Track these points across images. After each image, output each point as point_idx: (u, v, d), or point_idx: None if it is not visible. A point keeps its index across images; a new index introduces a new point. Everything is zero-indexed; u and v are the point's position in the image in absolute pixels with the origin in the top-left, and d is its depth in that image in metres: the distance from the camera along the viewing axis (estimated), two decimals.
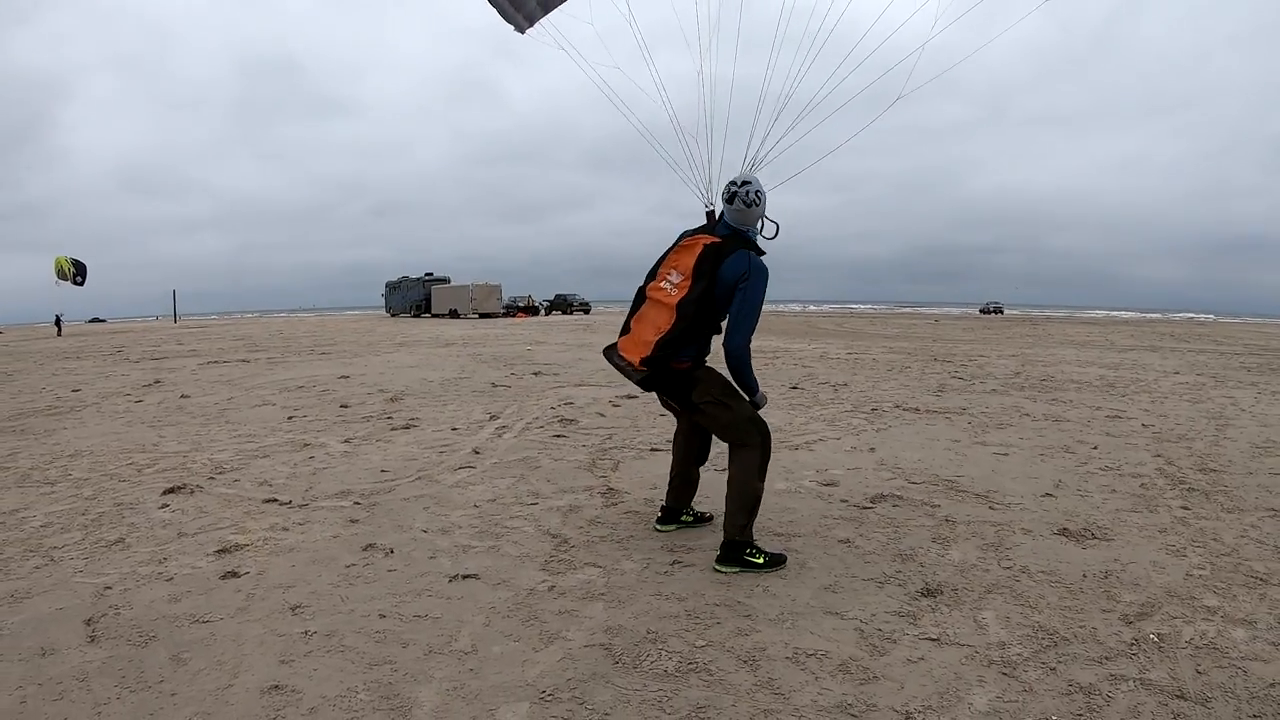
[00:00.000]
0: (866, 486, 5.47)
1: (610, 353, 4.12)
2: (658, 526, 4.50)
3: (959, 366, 14.84)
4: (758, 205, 3.93)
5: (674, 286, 3.88)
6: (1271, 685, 2.81)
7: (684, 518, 4.55)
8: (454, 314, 58.97)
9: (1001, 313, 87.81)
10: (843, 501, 5.10)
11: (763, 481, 3.98)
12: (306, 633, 3.23)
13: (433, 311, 62.29)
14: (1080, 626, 3.26)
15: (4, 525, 4.75)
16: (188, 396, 10.79)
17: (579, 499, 5.18)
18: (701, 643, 3.09)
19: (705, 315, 3.87)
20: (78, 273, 44.49)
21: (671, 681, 2.80)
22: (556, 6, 5.05)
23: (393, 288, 70.29)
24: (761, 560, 3.88)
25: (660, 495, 4.85)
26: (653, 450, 6.67)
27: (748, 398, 4.05)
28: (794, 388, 11.23)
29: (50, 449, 7.18)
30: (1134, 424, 8.24)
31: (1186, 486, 5.59)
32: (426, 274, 67.83)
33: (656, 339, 3.82)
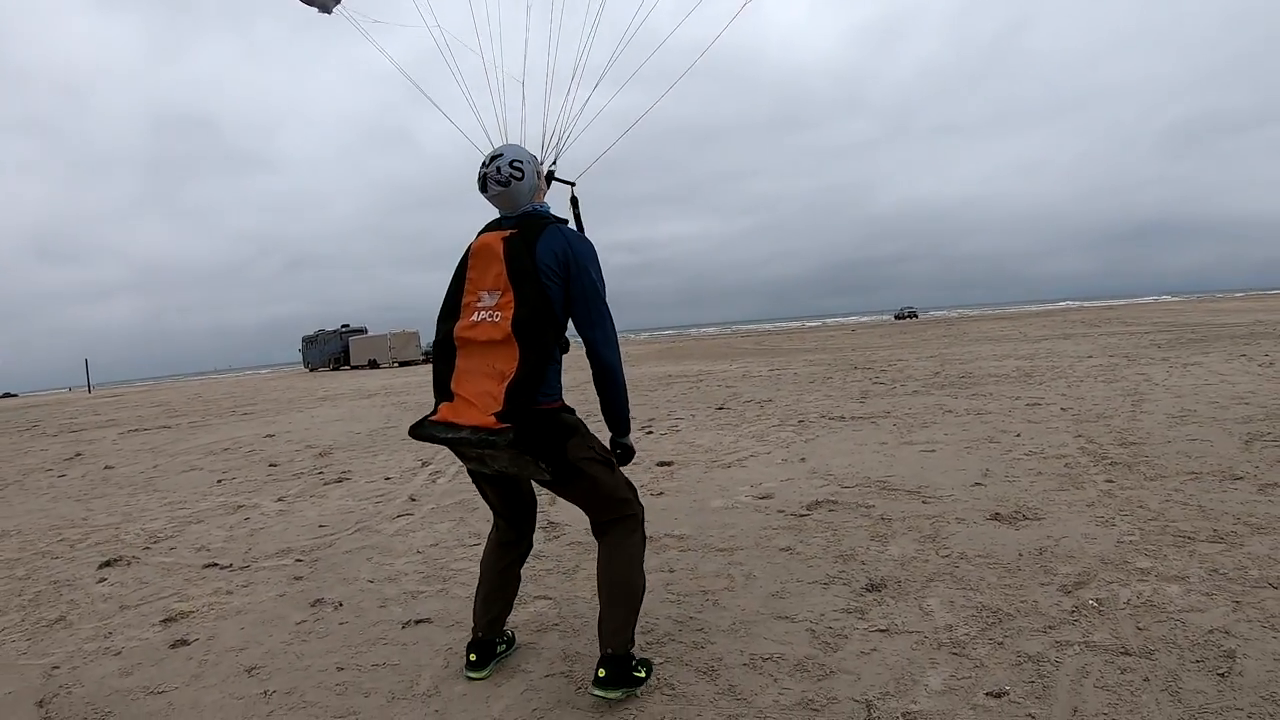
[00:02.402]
0: (801, 495, 5.59)
1: (426, 428, 2.82)
2: (470, 674, 3.14)
3: (879, 372, 15.22)
4: (520, 178, 2.89)
5: (494, 310, 2.78)
6: (1210, 632, 2.98)
7: (500, 649, 3.28)
8: (373, 364, 58.14)
9: (916, 316, 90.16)
10: (780, 512, 5.21)
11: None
12: (266, 693, 3.17)
13: (351, 363, 61.32)
14: (1022, 602, 3.41)
15: None
16: (111, 467, 10.48)
17: None
18: (659, 660, 3.13)
19: (553, 326, 2.78)
20: None
21: (635, 701, 2.83)
22: None
23: (309, 342, 68.95)
24: (644, 673, 2.96)
25: None
26: None
27: (620, 436, 3.10)
28: (720, 408, 11.39)
29: None
30: (1053, 409, 8.59)
31: (1109, 461, 5.86)
32: (343, 325, 66.81)
33: (505, 386, 2.69)
